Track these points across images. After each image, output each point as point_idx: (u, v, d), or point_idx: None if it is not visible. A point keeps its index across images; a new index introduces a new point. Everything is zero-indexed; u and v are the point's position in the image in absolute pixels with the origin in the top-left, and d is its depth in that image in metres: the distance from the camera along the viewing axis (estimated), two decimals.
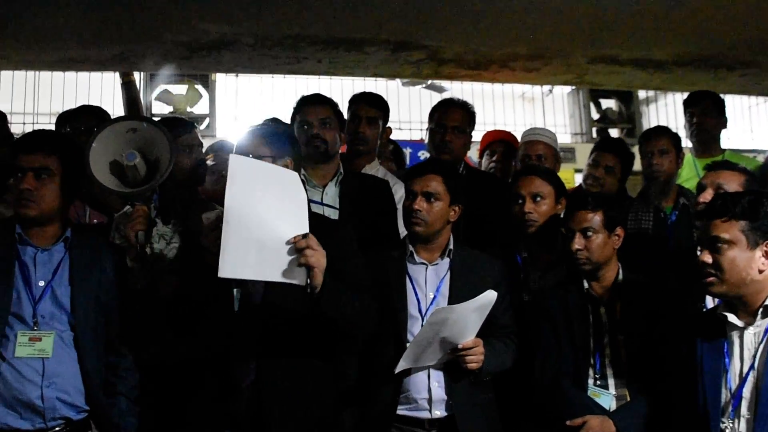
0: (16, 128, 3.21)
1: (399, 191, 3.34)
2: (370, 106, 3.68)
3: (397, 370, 2.67)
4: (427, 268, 2.84)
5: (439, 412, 2.70)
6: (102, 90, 7.27)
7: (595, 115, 9.59)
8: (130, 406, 2.61)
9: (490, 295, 2.62)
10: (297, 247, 2.17)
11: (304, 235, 2.19)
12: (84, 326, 2.50)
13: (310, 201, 2.68)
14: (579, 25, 3.74)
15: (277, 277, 2.21)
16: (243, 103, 8.47)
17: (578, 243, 2.77)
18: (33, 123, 7.66)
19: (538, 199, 3.05)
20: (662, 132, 3.76)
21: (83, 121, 3.40)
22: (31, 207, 2.47)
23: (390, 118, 3.95)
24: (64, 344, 2.46)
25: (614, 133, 9.44)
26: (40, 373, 2.40)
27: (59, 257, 2.54)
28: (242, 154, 2.49)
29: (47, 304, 2.47)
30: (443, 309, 2.62)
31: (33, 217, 2.49)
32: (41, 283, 2.49)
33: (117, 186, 2.59)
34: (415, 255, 2.85)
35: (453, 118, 3.70)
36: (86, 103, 3.81)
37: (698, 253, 2.38)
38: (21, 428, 2.37)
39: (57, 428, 2.42)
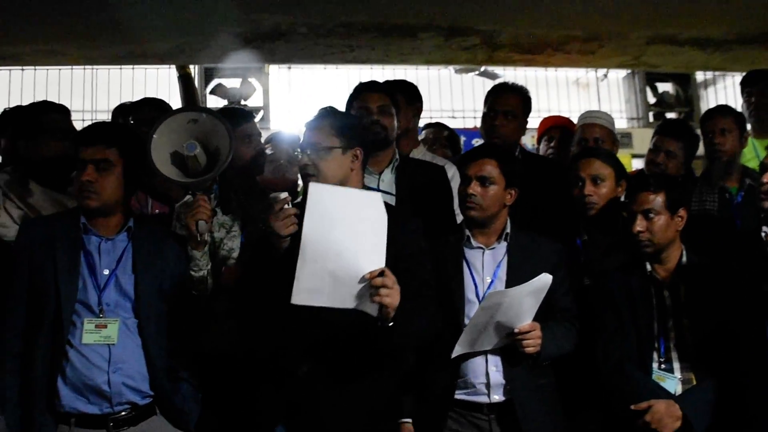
0: (75, 125, 3.29)
1: (450, 170, 3.34)
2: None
3: (453, 355, 2.65)
4: (483, 253, 2.81)
5: (497, 397, 2.67)
6: (158, 86, 7.42)
7: (652, 99, 9.42)
8: (193, 391, 2.64)
9: (545, 278, 2.58)
10: (372, 284, 2.18)
11: (381, 272, 2.19)
12: (147, 314, 2.55)
13: (367, 188, 2.69)
14: (636, 3, 3.66)
15: (349, 305, 2.22)
16: (296, 95, 8.54)
17: (640, 225, 2.71)
18: (92, 120, 7.84)
19: (599, 181, 3.01)
20: (724, 111, 3.66)
21: (145, 112, 3.46)
22: (92, 198, 2.53)
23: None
24: (128, 331, 2.51)
25: (672, 117, 9.26)
26: (106, 359, 2.45)
27: (122, 246, 2.59)
28: (310, 145, 2.50)
29: (112, 292, 2.52)
30: (497, 293, 2.60)
31: (94, 208, 2.54)
32: (106, 272, 2.54)
33: (178, 176, 2.63)
34: (471, 239, 2.82)
35: (505, 102, 3.66)
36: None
37: (762, 235, 2.32)
38: (89, 412, 2.44)
39: (123, 413, 2.47)
